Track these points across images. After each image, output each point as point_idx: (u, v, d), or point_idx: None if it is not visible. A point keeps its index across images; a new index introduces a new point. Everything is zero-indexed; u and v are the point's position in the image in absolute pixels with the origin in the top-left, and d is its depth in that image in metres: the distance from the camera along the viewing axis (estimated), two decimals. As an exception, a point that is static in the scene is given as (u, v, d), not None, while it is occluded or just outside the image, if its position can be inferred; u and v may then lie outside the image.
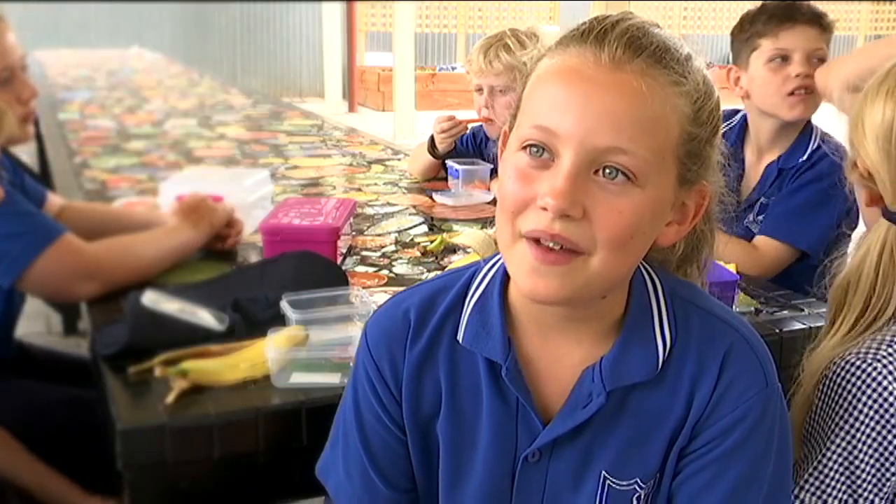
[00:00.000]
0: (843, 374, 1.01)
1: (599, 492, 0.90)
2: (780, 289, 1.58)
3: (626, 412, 0.89)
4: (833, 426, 1.01)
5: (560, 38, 0.85)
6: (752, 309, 1.46)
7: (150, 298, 1.27)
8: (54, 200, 1.82)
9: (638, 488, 0.90)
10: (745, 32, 1.88)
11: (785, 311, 1.45)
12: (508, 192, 0.82)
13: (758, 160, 1.94)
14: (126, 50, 7.81)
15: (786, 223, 1.81)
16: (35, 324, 3.25)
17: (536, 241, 0.80)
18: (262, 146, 3.03)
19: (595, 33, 0.81)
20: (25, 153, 3.63)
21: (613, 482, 0.90)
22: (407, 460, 0.96)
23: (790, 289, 1.57)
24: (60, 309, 3.25)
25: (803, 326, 1.38)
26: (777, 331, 1.37)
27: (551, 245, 0.79)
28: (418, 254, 1.74)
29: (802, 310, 1.46)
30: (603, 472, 0.90)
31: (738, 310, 1.38)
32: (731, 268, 1.47)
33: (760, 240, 1.83)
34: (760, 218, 1.89)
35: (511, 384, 0.89)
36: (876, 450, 0.99)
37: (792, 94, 1.82)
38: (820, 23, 1.84)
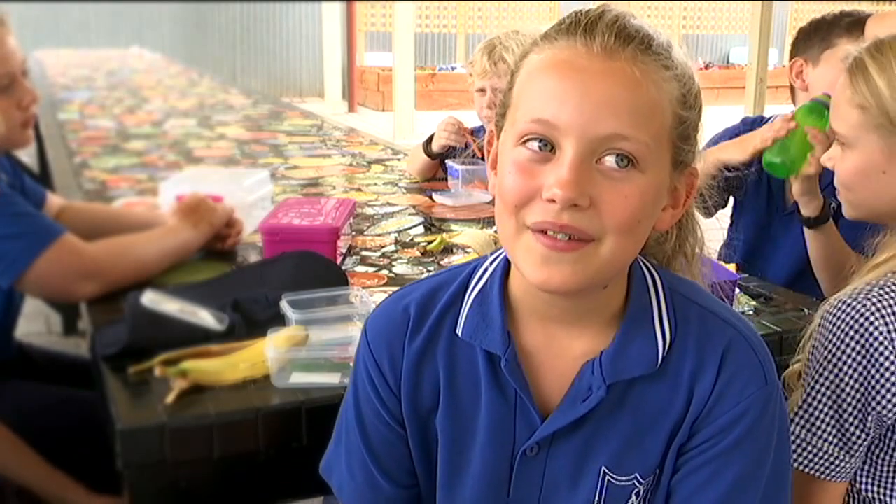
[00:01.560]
0: (835, 311, 1.07)
1: (598, 486, 0.90)
2: (779, 289, 1.58)
3: (626, 407, 0.89)
4: (823, 361, 1.06)
5: (544, 34, 0.85)
6: (753, 309, 1.46)
7: (150, 298, 1.27)
8: (54, 201, 1.82)
9: (637, 483, 0.90)
10: (823, 31, 1.89)
11: (785, 311, 1.45)
12: (510, 187, 0.82)
13: None
14: (126, 50, 7.82)
15: None
16: (35, 324, 3.25)
17: (543, 232, 0.80)
18: (262, 146, 3.02)
19: (583, 25, 0.82)
20: (25, 153, 3.63)
21: (613, 477, 0.90)
22: (408, 456, 0.96)
23: None
24: (60, 309, 3.25)
25: (803, 326, 1.38)
26: (777, 330, 1.37)
27: (559, 236, 0.80)
28: (418, 254, 1.74)
29: (802, 310, 1.46)
30: (602, 467, 0.90)
31: (737, 309, 1.38)
32: (731, 267, 1.47)
33: None
34: None
35: (510, 376, 0.89)
36: (861, 384, 1.04)
37: None
38: None
